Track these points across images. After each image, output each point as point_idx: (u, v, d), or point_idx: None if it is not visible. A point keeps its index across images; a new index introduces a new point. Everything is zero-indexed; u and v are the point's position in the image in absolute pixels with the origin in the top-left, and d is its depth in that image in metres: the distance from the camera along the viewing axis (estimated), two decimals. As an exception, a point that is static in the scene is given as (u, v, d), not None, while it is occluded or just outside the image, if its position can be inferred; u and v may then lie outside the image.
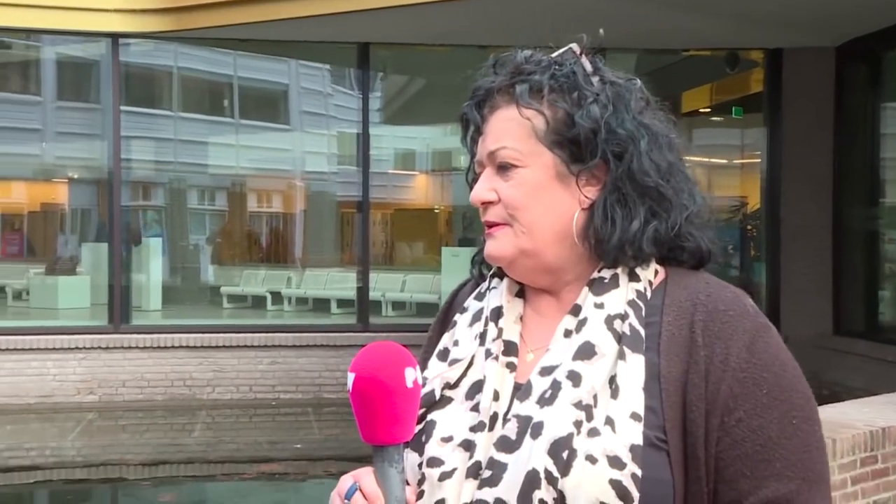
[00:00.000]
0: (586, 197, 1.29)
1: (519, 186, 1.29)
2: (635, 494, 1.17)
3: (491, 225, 1.32)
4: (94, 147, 11.21)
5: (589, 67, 1.31)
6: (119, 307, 10.54)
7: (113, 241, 10.80)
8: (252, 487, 8.01)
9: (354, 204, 11.63)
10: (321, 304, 12.81)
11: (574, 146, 1.28)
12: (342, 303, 12.15)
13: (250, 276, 13.93)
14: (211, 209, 16.26)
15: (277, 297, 13.30)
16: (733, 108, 12.44)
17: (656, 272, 1.31)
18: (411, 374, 1.22)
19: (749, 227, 12.15)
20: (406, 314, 12.38)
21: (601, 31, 1.33)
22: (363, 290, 11.00)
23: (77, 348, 10.09)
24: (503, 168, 1.31)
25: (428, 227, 14.94)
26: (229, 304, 13.54)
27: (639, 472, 1.17)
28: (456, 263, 11.14)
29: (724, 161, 13.45)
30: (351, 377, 1.22)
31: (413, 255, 14.53)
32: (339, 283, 12.50)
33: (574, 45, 1.33)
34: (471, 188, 1.35)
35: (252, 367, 10.27)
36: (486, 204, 1.32)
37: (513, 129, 1.30)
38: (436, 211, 15.14)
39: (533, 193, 1.29)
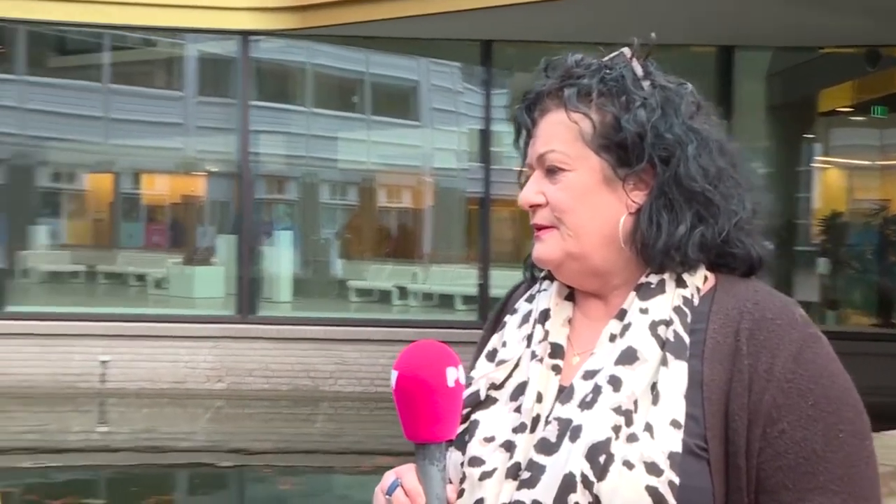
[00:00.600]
0: (633, 201, 1.28)
1: (566, 190, 1.29)
2: (672, 502, 1.16)
3: (539, 228, 1.33)
4: (229, 141, 11.55)
5: (640, 71, 1.30)
6: (247, 298, 10.83)
7: (243, 233, 11.11)
8: (371, 480, 8.10)
9: (477, 201, 11.68)
10: (445, 301, 12.87)
11: (621, 150, 1.28)
12: (466, 299, 12.21)
13: (378, 270, 14.10)
14: (341, 204, 16.54)
15: (404, 292, 13.43)
16: (874, 108, 12.02)
17: (705, 279, 1.30)
18: (453, 374, 1.23)
19: (889, 231, 11.74)
20: (528, 312, 12.33)
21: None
22: (484, 286, 11.04)
23: (208, 337, 10.42)
24: (551, 171, 1.31)
25: (554, 224, 14.85)
26: (356, 298, 13.74)
27: (676, 480, 1.16)
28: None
29: (865, 162, 13.00)
30: (394, 375, 1.24)
31: (539, 252, 14.47)
32: (463, 279, 12.54)
33: (626, 49, 1.32)
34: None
35: (374, 361, 10.41)
36: (535, 207, 1.33)
37: (561, 132, 1.30)
38: (562, 209, 15.03)
39: (580, 197, 1.29)
